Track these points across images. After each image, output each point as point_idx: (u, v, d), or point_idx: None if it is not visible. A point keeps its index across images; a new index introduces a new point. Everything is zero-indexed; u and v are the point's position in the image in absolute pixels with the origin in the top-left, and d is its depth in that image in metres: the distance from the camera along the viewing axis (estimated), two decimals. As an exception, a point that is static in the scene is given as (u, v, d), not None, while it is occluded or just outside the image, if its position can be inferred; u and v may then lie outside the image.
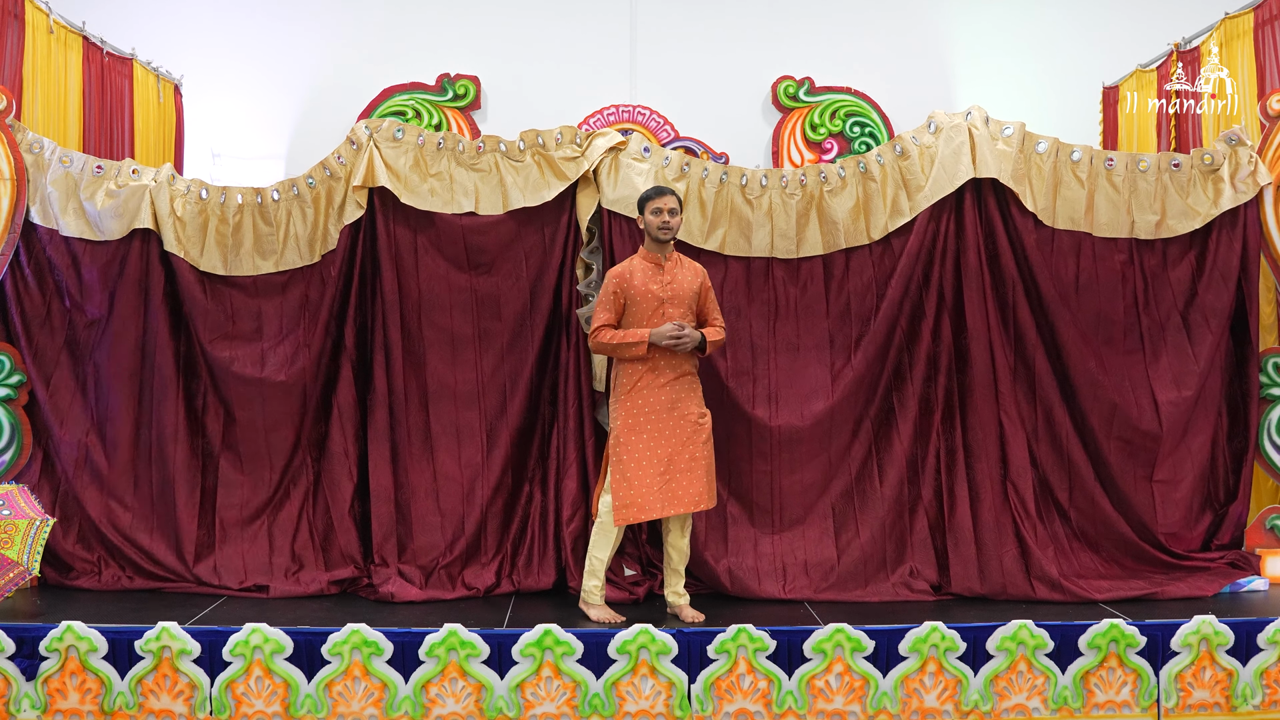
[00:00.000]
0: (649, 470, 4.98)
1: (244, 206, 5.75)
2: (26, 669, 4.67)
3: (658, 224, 5.07)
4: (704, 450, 5.07)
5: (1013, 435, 5.59)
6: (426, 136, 5.71)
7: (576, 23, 7.80)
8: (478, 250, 5.70)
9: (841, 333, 5.75)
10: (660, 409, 5.03)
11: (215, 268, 5.74)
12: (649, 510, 4.97)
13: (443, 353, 5.71)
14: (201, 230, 5.72)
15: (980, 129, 5.59)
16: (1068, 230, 5.69)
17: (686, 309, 5.13)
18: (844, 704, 4.73)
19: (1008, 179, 5.56)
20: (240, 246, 5.74)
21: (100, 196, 5.66)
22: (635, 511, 4.97)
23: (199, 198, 5.73)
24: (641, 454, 5.00)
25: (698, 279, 5.19)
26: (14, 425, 5.72)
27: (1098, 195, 5.70)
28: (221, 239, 5.74)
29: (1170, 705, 4.79)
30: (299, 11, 7.77)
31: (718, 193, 5.76)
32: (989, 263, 5.67)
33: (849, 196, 5.75)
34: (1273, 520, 5.79)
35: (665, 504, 4.97)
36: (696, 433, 5.06)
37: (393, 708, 4.67)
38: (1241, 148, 5.71)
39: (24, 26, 5.86)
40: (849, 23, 7.87)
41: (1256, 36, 6.05)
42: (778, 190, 5.77)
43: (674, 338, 5.00)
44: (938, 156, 5.61)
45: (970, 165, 5.55)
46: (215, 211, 5.73)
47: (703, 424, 5.10)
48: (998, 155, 5.57)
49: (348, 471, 5.72)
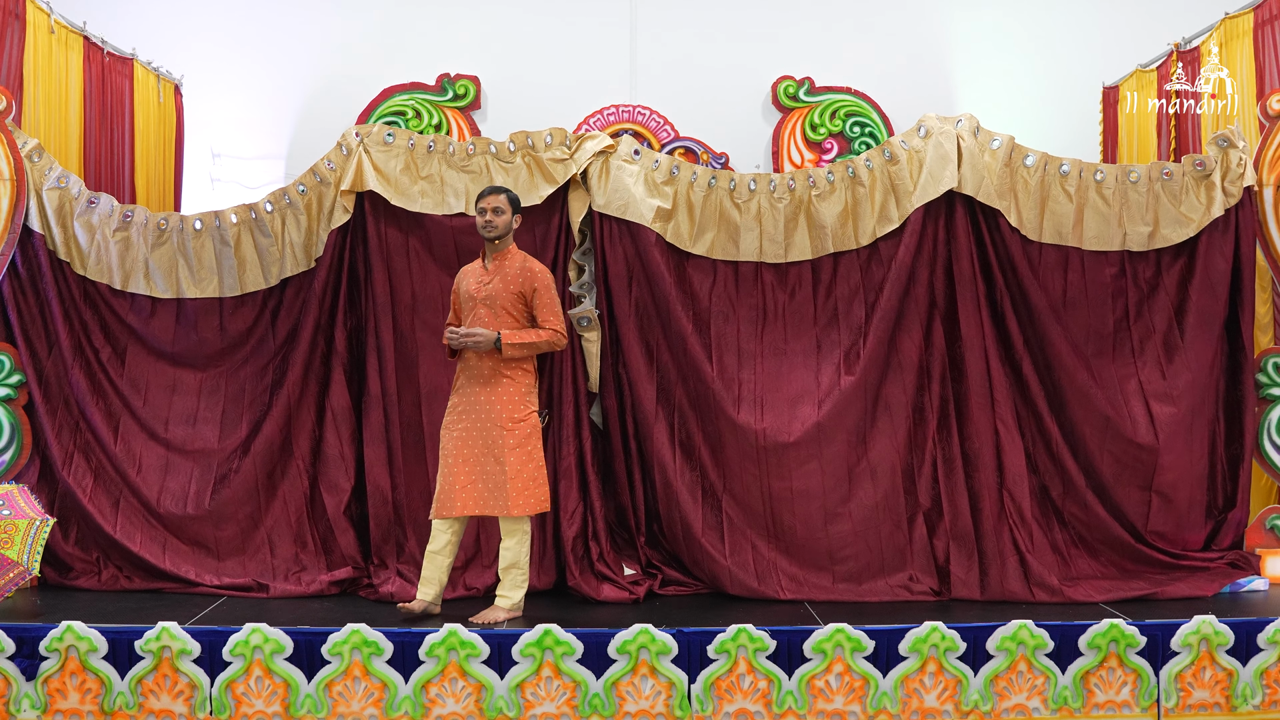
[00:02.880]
0: (454, 468, 5.06)
1: (240, 225, 5.78)
2: (26, 669, 4.67)
3: (481, 223, 5.15)
4: (510, 456, 5.02)
5: (1009, 443, 5.57)
6: (417, 139, 5.73)
7: (576, 23, 7.80)
8: (469, 251, 5.71)
9: (829, 338, 5.75)
10: (468, 407, 5.11)
11: (233, 290, 5.80)
12: (450, 507, 5.05)
13: (435, 354, 5.72)
14: (215, 262, 5.78)
15: (968, 140, 5.58)
16: (1054, 245, 5.67)
17: (502, 310, 5.11)
18: (844, 704, 4.73)
19: (988, 196, 5.53)
20: (245, 264, 5.79)
21: (85, 235, 5.71)
22: (439, 507, 5.08)
23: (193, 229, 5.78)
24: (448, 451, 5.09)
25: (523, 279, 5.15)
26: (14, 425, 5.71)
27: (1087, 210, 5.67)
28: (222, 260, 5.78)
29: (1170, 705, 4.79)
30: (299, 11, 7.76)
31: (706, 197, 5.76)
32: (982, 271, 5.66)
33: (837, 201, 5.74)
34: (1273, 520, 5.78)
35: (465, 504, 5.05)
36: (502, 437, 5.04)
37: (393, 708, 4.67)
38: (1232, 150, 5.69)
39: (25, 26, 5.86)
40: (849, 23, 7.86)
41: (1256, 36, 6.04)
42: (766, 195, 5.77)
43: (448, 337, 5.12)
44: (925, 162, 5.60)
45: (955, 174, 5.54)
46: (215, 235, 5.78)
47: (512, 429, 5.05)
48: (980, 169, 5.53)
49: (344, 473, 5.73)
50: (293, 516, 5.73)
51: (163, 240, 5.79)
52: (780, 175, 5.81)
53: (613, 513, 5.78)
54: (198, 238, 5.77)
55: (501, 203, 5.13)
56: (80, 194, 5.74)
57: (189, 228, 5.78)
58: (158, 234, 5.78)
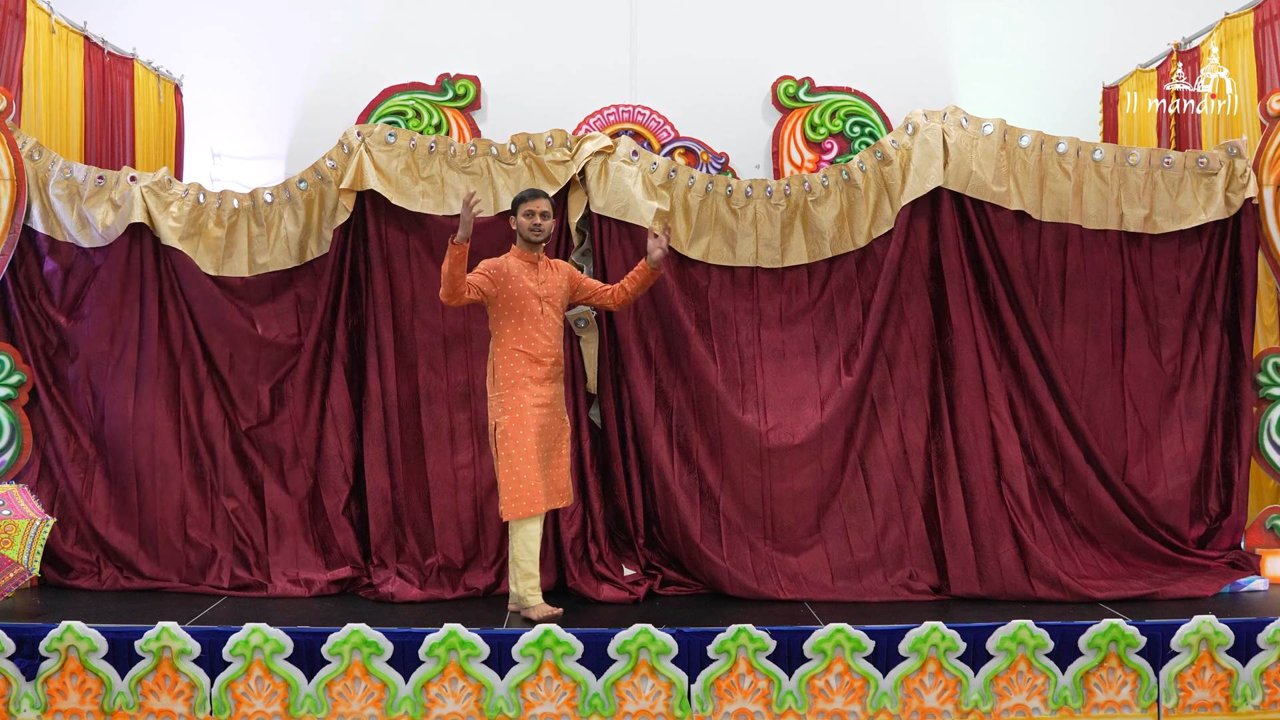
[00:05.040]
0: (536, 464, 5.05)
1: (240, 210, 5.77)
2: (26, 669, 4.67)
3: (528, 226, 5.15)
4: (570, 445, 5.38)
5: (1004, 435, 5.58)
6: (418, 140, 5.73)
7: (576, 23, 7.79)
8: (469, 252, 5.71)
9: (826, 338, 5.76)
10: (541, 403, 5.11)
11: (206, 267, 5.75)
12: (537, 504, 5.05)
13: (434, 354, 5.72)
14: (197, 233, 5.74)
15: (956, 132, 5.58)
16: (1055, 223, 5.68)
17: (560, 308, 5.24)
18: (844, 704, 4.73)
19: (977, 190, 5.53)
20: (234, 248, 5.76)
21: (104, 209, 5.67)
22: (526, 506, 5.04)
23: (196, 201, 5.74)
24: (530, 448, 5.04)
25: (565, 278, 5.28)
26: (14, 425, 5.72)
27: (1086, 186, 5.69)
28: (215, 241, 5.75)
29: (1170, 705, 4.79)
30: (299, 11, 7.76)
31: (703, 202, 5.77)
32: (971, 264, 5.66)
33: (833, 205, 5.75)
34: (1273, 520, 5.78)
35: (550, 498, 5.12)
36: (565, 428, 5.26)
37: (393, 708, 4.67)
38: (1239, 159, 5.71)
39: (25, 26, 5.86)
40: (849, 23, 7.85)
41: (1256, 36, 6.04)
42: (762, 200, 5.78)
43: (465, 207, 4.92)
44: (912, 160, 5.61)
45: (941, 171, 5.54)
46: (211, 215, 5.75)
47: (567, 420, 5.30)
48: (969, 161, 5.52)
49: (343, 473, 5.73)
50: (293, 513, 5.73)
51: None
52: (776, 181, 5.83)
53: (612, 514, 5.78)
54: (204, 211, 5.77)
55: (548, 207, 5.21)
56: (87, 177, 5.72)
57: (192, 199, 5.76)
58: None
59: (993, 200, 5.58)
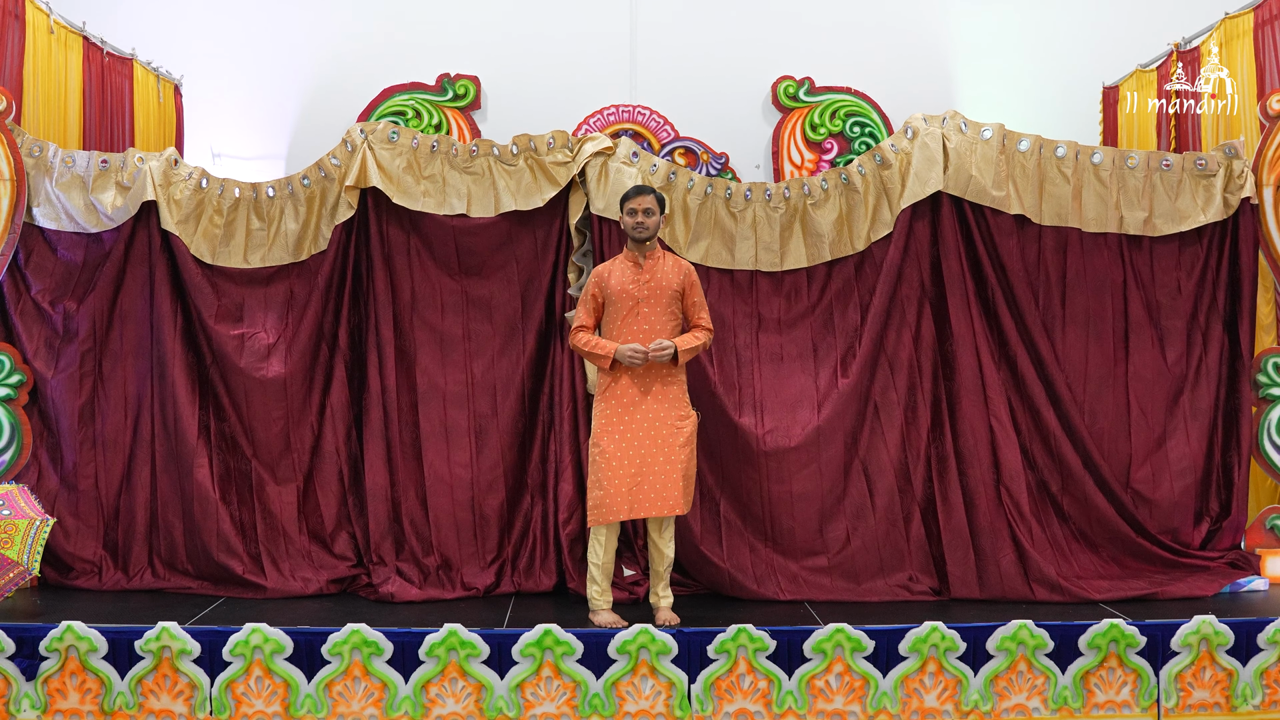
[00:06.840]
0: (620, 472, 4.92)
1: (240, 201, 5.78)
2: (26, 669, 4.68)
3: (632, 224, 5.03)
4: (680, 454, 4.96)
5: (1004, 439, 5.57)
6: (421, 139, 5.73)
7: (576, 23, 7.79)
8: (469, 252, 5.72)
9: (824, 341, 5.75)
10: (633, 410, 4.97)
11: (202, 255, 5.75)
12: (616, 512, 4.92)
13: (433, 353, 5.73)
14: (195, 217, 5.73)
15: (955, 137, 5.58)
16: (1055, 227, 5.68)
17: (664, 308, 5.04)
18: (844, 704, 4.73)
19: (977, 194, 5.53)
20: (231, 239, 5.76)
21: (111, 192, 5.67)
22: (604, 513, 4.93)
23: (199, 186, 5.74)
24: (612, 455, 4.94)
25: (679, 276, 5.08)
26: (14, 425, 5.71)
27: (1085, 189, 5.69)
28: (213, 228, 5.75)
29: (1170, 705, 4.79)
30: (299, 11, 7.76)
31: (702, 204, 5.77)
32: (971, 268, 5.66)
33: (832, 208, 5.75)
34: (1273, 520, 5.78)
35: (633, 506, 4.91)
36: (673, 436, 4.97)
37: (393, 708, 4.67)
38: (1237, 160, 5.71)
39: (24, 27, 5.86)
40: (849, 23, 7.85)
41: (1256, 36, 6.04)
42: (761, 204, 5.78)
43: (633, 357, 4.92)
44: (912, 164, 5.61)
45: (941, 176, 5.55)
46: (212, 202, 5.75)
47: (680, 427, 5.00)
48: (969, 166, 5.53)
49: (339, 471, 5.72)
50: (293, 512, 5.72)
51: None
52: (776, 185, 5.82)
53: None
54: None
55: (652, 203, 5.04)
56: (89, 163, 5.71)
57: (195, 183, 5.75)
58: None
59: (993, 204, 5.59)
